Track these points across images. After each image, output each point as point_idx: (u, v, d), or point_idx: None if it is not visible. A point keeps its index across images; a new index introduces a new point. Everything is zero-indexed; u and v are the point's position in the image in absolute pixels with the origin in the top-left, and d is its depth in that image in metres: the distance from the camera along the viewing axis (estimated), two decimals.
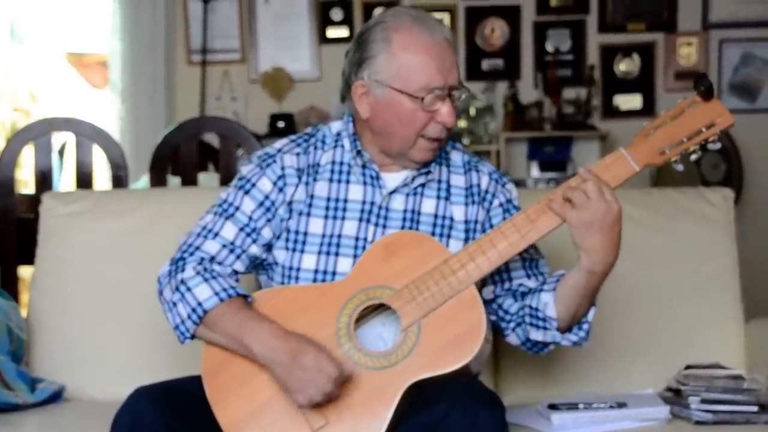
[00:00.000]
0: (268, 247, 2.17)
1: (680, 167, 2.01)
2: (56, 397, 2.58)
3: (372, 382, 1.95)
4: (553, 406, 2.28)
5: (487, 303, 2.21)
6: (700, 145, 1.99)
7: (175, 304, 2.05)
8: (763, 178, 6.01)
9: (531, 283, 2.19)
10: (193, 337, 2.06)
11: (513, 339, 2.21)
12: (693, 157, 2.01)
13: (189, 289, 2.04)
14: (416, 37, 2.07)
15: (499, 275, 2.20)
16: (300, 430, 1.94)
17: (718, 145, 2.00)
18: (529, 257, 2.21)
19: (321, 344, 1.95)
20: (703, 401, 2.27)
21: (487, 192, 2.23)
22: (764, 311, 2.79)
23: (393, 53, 2.08)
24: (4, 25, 6.14)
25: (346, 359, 1.96)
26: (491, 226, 2.18)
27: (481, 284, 2.20)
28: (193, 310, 2.02)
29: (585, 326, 2.10)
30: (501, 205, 2.23)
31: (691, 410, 2.27)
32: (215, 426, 1.97)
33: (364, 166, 2.18)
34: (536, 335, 2.13)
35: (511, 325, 2.19)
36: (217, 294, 2.03)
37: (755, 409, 2.26)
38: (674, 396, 2.36)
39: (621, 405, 2.28)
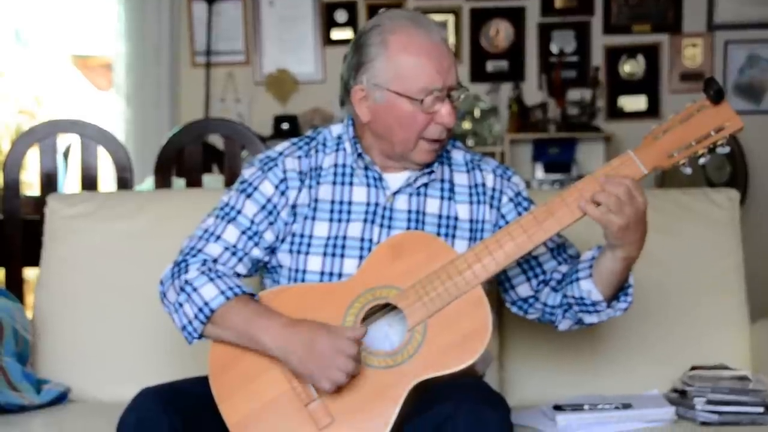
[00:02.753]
0: (271, 250, 2.17)
1: (689, 170, 2.01)
2: (62, 398, 2.58)
3: (377, 381, 1.95)
4: (558, 407, 2.28)
5: (527, 302, 2.23)
6: (708, 148, 1.99)
7: (181, 305, 2.06)
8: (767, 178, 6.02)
9: (563, 268, 2.20)
10: (200, 336, 2.06)
11: (565, 325, 2.22)
12: (702, 160, 2.01)
13: (195, 290, 2.04)
14: (413, 39, 2.07)
15: (532, 270, 2.22)
16: (305, 429, 1.95)
17: (726, 149, 1.99)
18: (554, 245, 2.22)
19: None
20: (709, 402, 2.27)
21: (494, 190, 2.23)
22: None
23: (390, 56, 2.08)
24: (9, 28, 6.15)
25: None
26: (506, 222, 2.19)
27: (513, 284, 2.23)
28: (200, 309, 2.03)
29: (629, 290, 2.13)
30: (511, 200, 2.24)
31: (697, 411, 2.27)
32: (221, 426, 1.97)
33: (366, 168, 2.18)
34: (591, 319, 2.14)
35: (559, 313, 2.20)
36: (223, 293, 2.03)
37: (761, 410, 2.26)
38: (680, 397, 2.36)
39: (626, 406, 2.28)
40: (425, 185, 2.19)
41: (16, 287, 3.39)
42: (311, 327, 1.96)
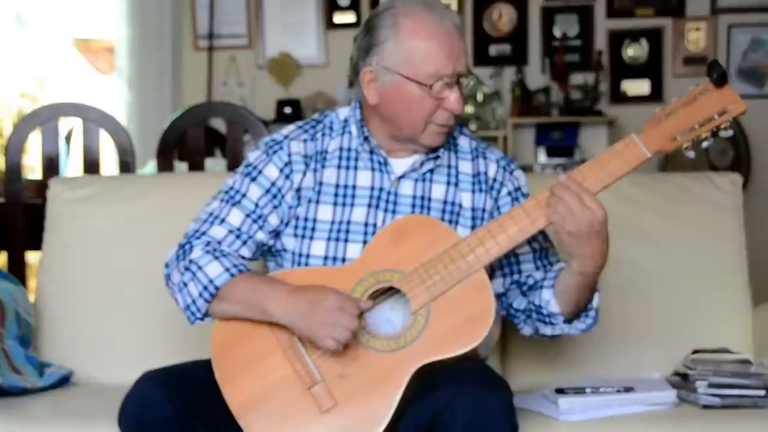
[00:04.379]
0: (276, 233, 2.17)
1: (692, 154, 2.00)
2: (64, 381, 2.58)
3: (381, 365, 1.95)
4: (560, 391, 2.28)
5: (498, 297, 2.22)
6: (711, 132, 1.98)
7: (185, 284, 2.06)
8: None
9: (539, 275, 2.20)
10: (203, 317, 2.07)
11: (526, 331, 2.23)
12: (705, 144, 2.00)
13: (200, 268, 2.05)
14: (425, 24, 2.07)
15: (509, 267, 2.21)
16: (308, 411, 1.95)
17: (729, 132, 1.99)
18: (539, 247, 2.21)
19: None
20: (711, 385, 2.27)
21: (495, 180, 2.22)
22: None
23: (401, 39, 2.07)
24: (11, 11, 6.13)
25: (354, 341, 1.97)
26: (500, 215, 2.18)
27: (491, 276, 2.21)
28: (205, 287, 2.03)
29: (591, 313, 2.11)
30: (510, 193, 2.23)
31: (699, 394, 2.27)
32: (224, 408, 1.97)
33: (372, 152, 2.18)
34: (545, 330, 2.15)
35: (522, 318, 2.21)
36: (227, 270, 2.04)
37: (763, 393, 2.26)
38: (682, 380, 2.36)
39: (628, 389, 2.28)
40: (431, 171, 2.19)
41: (18, 271, 3.39)
42: (317, 288, 1.97)
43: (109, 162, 4.15)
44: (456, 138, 2.25)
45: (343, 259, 2.11)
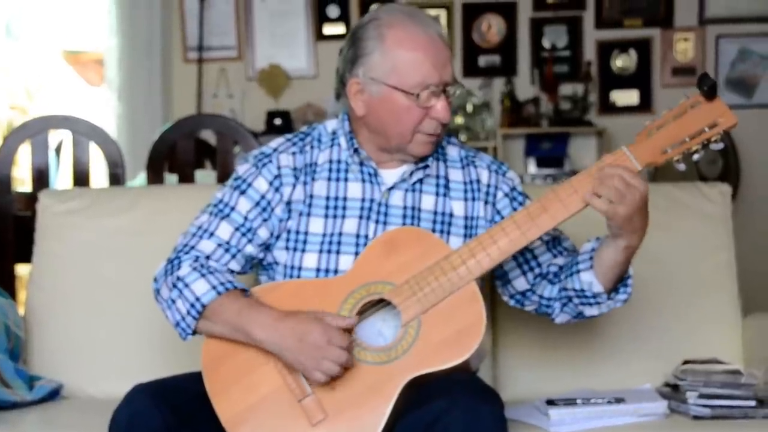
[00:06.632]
0: (265, 246, 2.17)
1: (682, 166, 2.01)
2: (54, 394, 2.57)
3: (371, 377, 1.95)
4: (551, 402, 2.28)
5: (524, 295, 2.23)
6: (702, 144, 1.99)
7: (173, 301, 2.06)
8: (760, 173, 6.02)
9: (559, 261, 2.20)
10: (194, 332, 2.06)
11: (563, 318, 2.22)
12: (695, 156, 2.01)
13: (186, 285, 2.04)
14: (410, 33, 2.08)
15: (528, 264, 2.22)
16: (299, 424, 1.95)
17: (720, 145, 1.99)
18: (549, 237, 2.22)
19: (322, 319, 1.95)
20: (701, 396, 2.27)
21: (489, 186, 2.23)
22: (761, 306, 2.79)
23: (387, 50, 2.08)
24: (1, 22, 6.13)
25: None
26: (502, 218, 2.19)
27: (509, 277, 2.23)
28: (192, 305, 2.02)
29: (629, 281, 2.12)
30: (506, 195, 2.24)
31: (689, 405, 2.27)
32: (214, 421, 1.97)
33: (361, 164, 2.18)
34: (592, 311, 2.14)
35: (557, 306, 2.20)
36: (214, 288, 2.03)
37: (753, 403, 2.27)
38: (672, 391, 2.36)
39: (619, 400, 2.29)
40: (420, 181, 2.19)
41: (7, 284, 3.37)
42: (302, 319, 1.95)
43: (98, 174, 4.14)
44: (444, 147, 2.26)
45: (336, 271, 2.11)
